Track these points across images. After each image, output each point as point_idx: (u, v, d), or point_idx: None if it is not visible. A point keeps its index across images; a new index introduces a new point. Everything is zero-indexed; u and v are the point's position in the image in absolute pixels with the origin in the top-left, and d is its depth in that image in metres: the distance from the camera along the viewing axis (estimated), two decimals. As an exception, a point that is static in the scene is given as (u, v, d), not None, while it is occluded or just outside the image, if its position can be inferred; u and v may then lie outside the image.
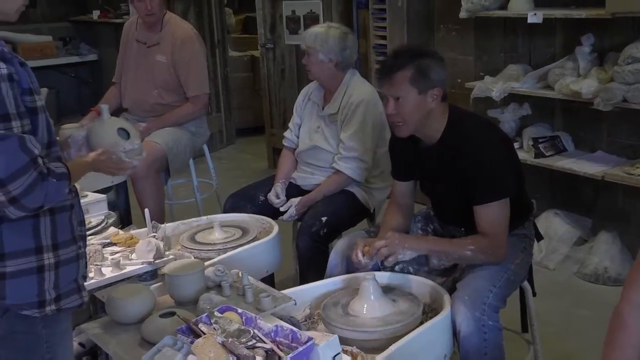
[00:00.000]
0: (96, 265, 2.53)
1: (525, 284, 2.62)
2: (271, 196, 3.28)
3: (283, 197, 3.27)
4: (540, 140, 3.86)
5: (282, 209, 3.24)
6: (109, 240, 2.80)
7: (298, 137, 3.43)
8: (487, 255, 2.37)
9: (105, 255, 2.64)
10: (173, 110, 3.93)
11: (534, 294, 2.67)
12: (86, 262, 1.95)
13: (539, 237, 2.76)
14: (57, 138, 1.87)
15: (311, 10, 5.22)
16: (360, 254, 2.37)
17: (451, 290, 2.36)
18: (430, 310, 2.38)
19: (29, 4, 1.84)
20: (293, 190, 3.33)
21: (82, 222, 1.91)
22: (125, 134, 2.06)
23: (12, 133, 1.60)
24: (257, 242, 2.85)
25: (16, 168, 1.59)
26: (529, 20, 3.68)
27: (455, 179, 2.43)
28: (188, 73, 3.90)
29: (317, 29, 3.27)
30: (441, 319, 2.22)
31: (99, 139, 2.02)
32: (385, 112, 2.48)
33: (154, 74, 3.93)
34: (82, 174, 1.87)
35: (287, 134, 3.48)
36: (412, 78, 2.36)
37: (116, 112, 4.15)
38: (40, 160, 1.64)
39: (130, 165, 2.00)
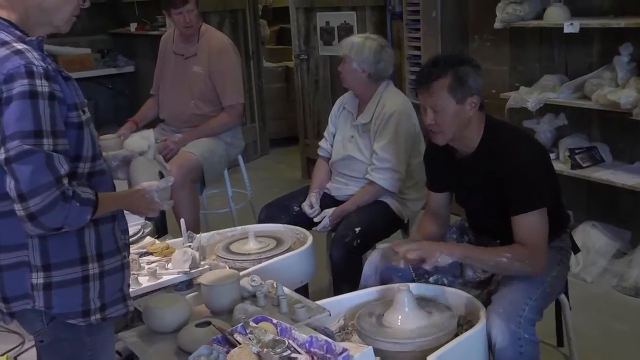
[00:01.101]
0: (133, 274, 2.57)
1: (562, 297, 2.59)
2: (305, 206, 3.29)
3: (317, 208, 3.28)
4: (577, 151, 3.81)
5: (316, 220, 3.25)
6: (145, 250, 2.85)
7: (332, 146, 3.44)
8: (524, 264, 2.33)
9: (142, 264, 2.68)
10: (208, 121, 3.96)
11: (570, 308, 2.63)
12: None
13: (576, 249, 2.73)
14: None
15: (345, 22, 5.23)
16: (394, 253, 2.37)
17: (486, 304, 2.34)
18: (465, 323, 2.36)
19: (77, 15, 1.86)
20: (327, 200, 3.34)
21: (125, 231, 1.94)
22: (160, 174, 2.08)
23: (41, 149, 1.62)
24: (292, 253, 2.86)
25: (39, 184, 1.61)
26: (566, 30, 3.64)
27: (492, 190, 2.41)
28: (224, 83, 3.94)
29: (355, 38, 3.29)
30: (476, 331, 2.20)
31: (140, 174, 2.03)
32: (424, 121, 2.47)
33: (191, 85, 3.97)
34: (113, 207, 1.86)
35: (322, 143, 3.50)
36: (451, 86, 2.34)
37: (153, 122, 4.21)
38: (65, 181, 1.65)
39: (159, 208, 1.97)
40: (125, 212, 1.96)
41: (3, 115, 1.62)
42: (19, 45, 1.67)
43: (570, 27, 3.62)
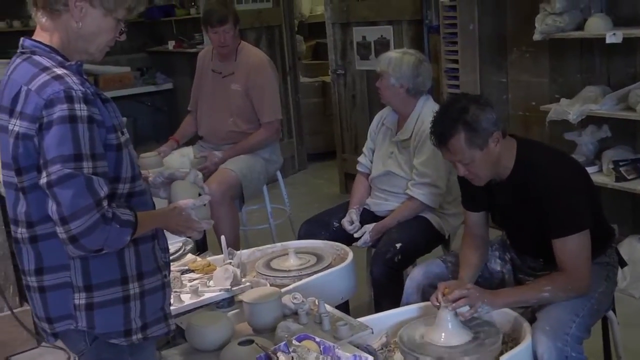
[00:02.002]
0: (175, 292, 2.58)
1: (610, 313, 2.54)
2: (345, 222, 3.28)
3: (357, 224, 3.27)
4: (621, 164, 3.73)
5: (356, 236, 3.24)
6: (187, 267, 2.86)
7: (371, 161, 3.43)
8: (568, 292, 2.29)
9: (183, 282, 2.69)
10: (247, 138, 3.98)
11: (618, 324, 2.58)
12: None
13: (623, 263, 2.67)
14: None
15: (382, 36, 5.23)
16: (440, 296, 2.30)
17: (530, 321, 2.30)
18: (510, 340, 2.33)
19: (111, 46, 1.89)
20: (367, 216, 3.33)
21: (165, 250, 1.95)
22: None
23: (81, 173, 1.64)
24: (333, 269, 2.85)
25: (79, 207, 1.63)
26: (608, 40, 3.59)
27: (529, 213, 2.37)
28: (261, 100, 3.96)
29: (393, 54, 3.28)
30: (522, 349, 2.16)
31: (179, 196, 2.03)
32: (457, 174, 2.47)
33: (230, 102, 4.00)
34: (152, 226, 1.87)
35: (361, 159, 3.49)
36: (467, 139, 2.29)
37: (192, 139, 4.24)
38: (104, 203, 1.66)
39: (198, 226, 1.96)
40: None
41: (44, 139, 1.65)
42: (59, 71, 1.70)
43: (613, 37, 3.57)
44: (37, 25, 1.81)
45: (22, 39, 1.81)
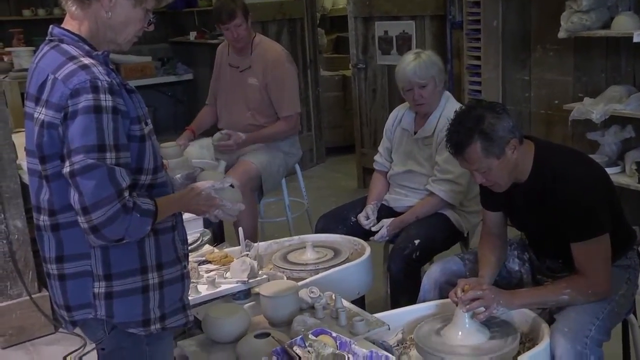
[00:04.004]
0: (192, 282, 2.58)
1: (631, 316, 2.51)
2: (361, 217, 3.27)
3: (373, 218, 3.25)
4: (644, 165, 3.70)
5: (374, 229, 3.22)
6: (204, 258, 2.86)
7: (388, 161, 3.41)
8: (587, 296, 2.27)
9: (200, 272, 2.69)
10: (268, 127, 3.99)
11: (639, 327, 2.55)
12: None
13: (644, 266, 2.64)
14: None
15: (404, 31, 5.20)
16: (460, 292, 2.29)
17: (549, 322, 2.28)
18: (527, 341, 2.31)
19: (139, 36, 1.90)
20: (385, 212, 3.32)
21: (185, 241, 1.95)
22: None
23: (103, 163, 1.64)
24: (350, 264, 2.85)
25: (101, 197, 1.63)
26: (635, 40, 3.53)
27: (547, 217, 2.35)
28: (280, 94, 3.95)
29: (417, 61, 3.13)
30: (540, 350, 2.15)
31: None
32: (474, 181, 2.46)
33: (247, 96, 4.00)
34: (172, 210, 1.87)
35: (377, 157, 3.47)
36: (483, 149, 2.27)
37: (208, 131, 4.23)
38: (126, 194, 1.67)
39: (221, 204, 1.94)
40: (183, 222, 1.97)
41: (69, 129, 1.65)
42: (86, 60, 1.70)
43: (640, 36, 3.52)
44: (67, 13, 1.81)
45: (51, 26, 1.82)
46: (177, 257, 1.88)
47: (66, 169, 1.66)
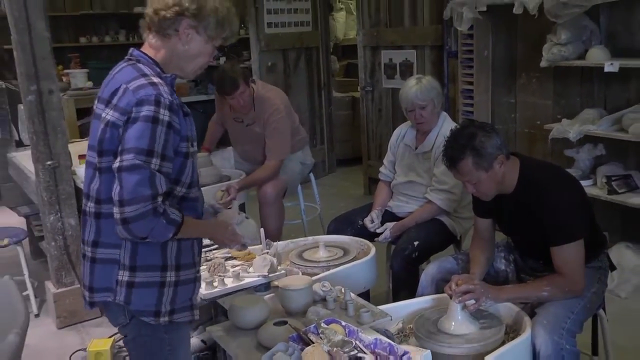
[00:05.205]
0: (220, 276, 2.58)
1: (601, 311, 2.49)
2: (366, 221, 3.25)
3: (377, 222, 3.24)
4: (613, 178, 3.67)
5: (378, 231, 3.21)
6: (230, 255, 2.86)
7: (391, 172, 3.40)
8: (564, 293, 2.26)
9: (227, 267, 2.69)
10: (255, 172, 3.81)
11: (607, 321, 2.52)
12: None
13: (612, 267, 2.61)
14: None
15: (406, 59, 5.20)
16: (454, 286, 2.28)
17: (530, 316, 2.26)
18: (511, 331, 2.29)
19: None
20: (388, 216, 3.30)
21: (200, 251, 1.94)
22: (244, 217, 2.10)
23: (148, 166, 1.65)
24: (357, 262, 2.83)
25: (138, 195, 1.64)
26: (606, 69, 3.53)
27: (531, 224, 2.33)
28: (273, 142, 3.78)
29: (418, 85, 3.12)
30: (522, 340, 2.13)
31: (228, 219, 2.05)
32: (466, 191, 2.45)
33: (258, 141, 3.85)
34: (198, 233, 1.89)
35: (382, 169, 3.45)
36: (474, 163, 2.26)
37: (220, 141, 4.18)
38: (159, 199, 1.67)
39: (241, 240, 1.99)
40: None
41: (127, 131, 1.67)
42: (155, 79, 1.73)
43: (611, 66, 3.51)
44: (146, 42, 1.84)
45: (131, 49, 1.85)
46: (194, 262, 1.88)
47: (116, 164, 1.67)
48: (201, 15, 1.78)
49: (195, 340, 2.96)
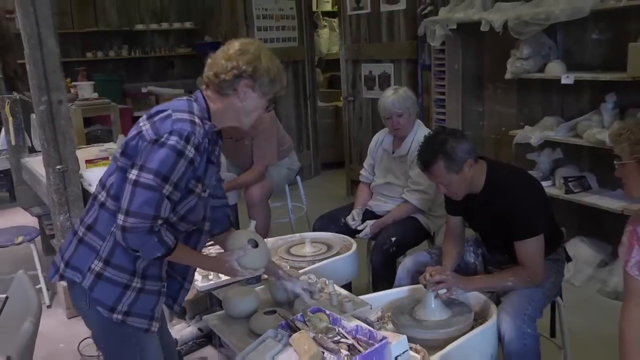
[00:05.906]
0: (215, 270, 2.58)
1: (558, 299, 2.52)
2: (348, 219, 3.26)
3: (358, 220, 3.25)
4: (569, 179, 3.72)
5: (359, 228, 3.22)
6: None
7: (371, 174, 3.41)
8: (527, 283, 2.29)
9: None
10: (242, 176, 3.80)
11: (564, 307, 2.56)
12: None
13: (568, 259, 2.64)
14: None
15: (384, 71, 5.23)
16: (428, 276, 2.30)
17: (497, 303, 2.29)
18: (479, 318, 2.31)
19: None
20: (368, 215, 3.32)
21: (168, 270, 1.91)
22: (254, 242, 2.02)
23: (160, 190, 1.66)
24: (340, 256, 2.85)
25: (142, 211, 1.65)
26: (563, 81, 3.58)
27: (497, 220, 2.36)
28: (258, 149, 3.75)
29: (395, 95, 3.13)
30: (489, 326, 2.16)
31: (231, 241, 2.02)
32: (438, 191, 2.47)
33: (245, 155, 3.82)
34: (195, 262, 1.91)
35: (363, 172, 3.47)
36: (445, 166, 2.28)
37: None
38: (159, 221, 1.68)
39: (240, 275, 1.96)
40: None
41: (152, 152, 1.67)
42: (197, 120, 1.73)
43: (567, 79, 3.56)
44: (204, 94, 1.84)
45: (198, 91, 1.86)
46: (160, 276, 1.85)
47: (133, 176, 1.67)
48: (256, 76, 1.79)
49: (192, 329, 2.96)
